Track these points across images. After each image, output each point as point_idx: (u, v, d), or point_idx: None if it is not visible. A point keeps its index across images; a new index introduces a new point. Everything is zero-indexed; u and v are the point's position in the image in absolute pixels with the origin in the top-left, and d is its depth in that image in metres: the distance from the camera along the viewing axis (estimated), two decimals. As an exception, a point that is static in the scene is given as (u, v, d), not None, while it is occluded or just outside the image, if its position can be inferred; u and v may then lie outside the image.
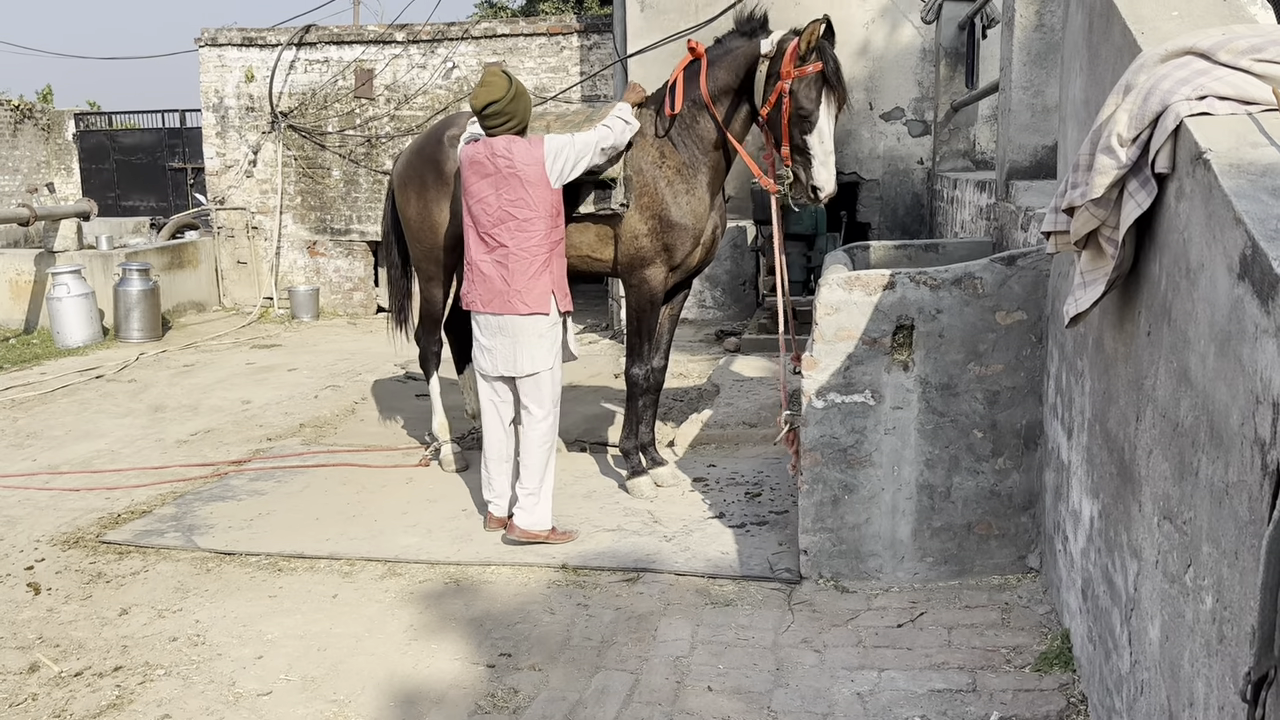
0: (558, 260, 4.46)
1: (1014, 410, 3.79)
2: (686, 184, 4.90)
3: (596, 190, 4.94)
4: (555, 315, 4.43)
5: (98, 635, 3.82)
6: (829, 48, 4.60)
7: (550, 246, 4.39)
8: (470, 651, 3.61)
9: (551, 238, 4.40)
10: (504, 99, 4.27)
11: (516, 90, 4.32)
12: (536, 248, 4.34)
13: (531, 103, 4.33)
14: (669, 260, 4.98)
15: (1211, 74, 2.14)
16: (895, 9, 8.87)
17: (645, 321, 5.10)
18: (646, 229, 4.93)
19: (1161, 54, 2.25)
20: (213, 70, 11.68)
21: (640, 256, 4.97)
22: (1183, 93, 2.12)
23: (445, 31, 11.01)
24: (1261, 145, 1.98)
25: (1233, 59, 2.13)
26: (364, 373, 8.35)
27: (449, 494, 5.26)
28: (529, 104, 4.39)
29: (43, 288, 10.09)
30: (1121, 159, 2.20)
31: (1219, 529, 1.88)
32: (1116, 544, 2.66)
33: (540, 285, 4.36)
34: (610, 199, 4.91)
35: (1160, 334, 2.27)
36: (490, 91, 4.28)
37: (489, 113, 4.29)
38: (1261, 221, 1.76)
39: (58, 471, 5.89)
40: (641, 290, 5.04)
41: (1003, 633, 3.52)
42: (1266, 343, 1.67)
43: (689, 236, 4.94)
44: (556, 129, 5.16)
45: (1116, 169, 2.21)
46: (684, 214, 4.90)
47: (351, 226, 11.53)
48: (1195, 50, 2.20)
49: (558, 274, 4.45)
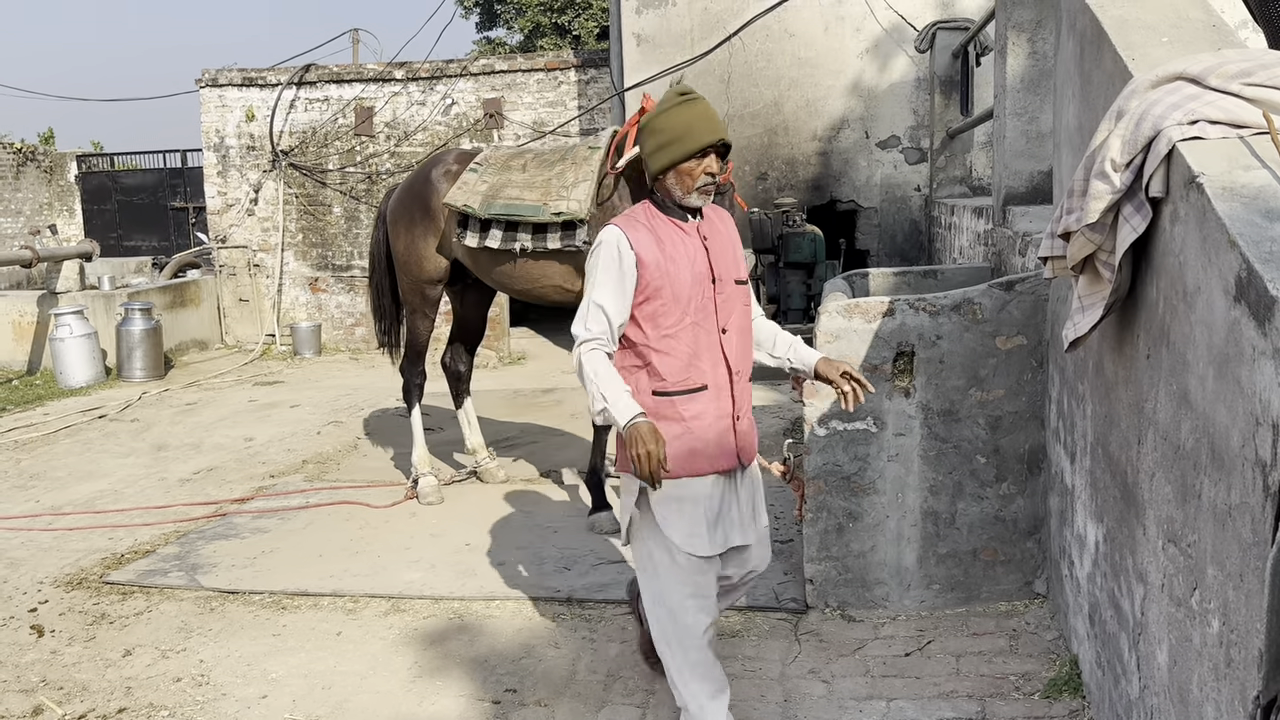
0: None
1: (1016, 435, 3.78)
2: None
3: (563, 229, 5.09)
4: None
5: (101, 677, 3.80)
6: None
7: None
8: (475, 688, 3.59)
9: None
10: (641, 122, 2.96)
11: (651, 120, 2.87)
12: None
13: (660, 143, 2.82)
14: None
15: (1202, 99, 2.16)
16: (889, 39, 8.95)
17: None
18: None
19: (1153, 79, 2.27)
20: (213, 110, 11.77)
21: None
22: (1174, 117, 2.14)
23: (444, 69, 11.10)
24: (1254, 168, 2.00)
25: (1223, 83, 2.15)
26: (366, 408, 8.35)
27: (452, 529, 5.24)
28: (657, 147, 2.83)
29: (45, 329, 10.11)
30: (1115, 184, 2.22)
31: (1223, 551, 1.88)
32: (1122, 568, 2.65)
33: None
34: (575, 237, 5.08)
35: (1159, 357, 2.27)
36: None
37: None
38: (1256, 244, 1.77)
39: (61, 512, 5.88)
40: None
41: (1011, 660, 3.50)
42: (1264, 364, 1.67)
43: None
44: (533, 168, 5.29)
45: (1111, 194, 2.23)
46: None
47: (353, 262, 11.58)
48: (1186, 75, 2.22)
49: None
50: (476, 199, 5.26)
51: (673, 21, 9.28)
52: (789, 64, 9.08)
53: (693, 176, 2.81)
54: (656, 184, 2.88)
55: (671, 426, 2.80)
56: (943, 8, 8.85)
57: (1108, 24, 2.81)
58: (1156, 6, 2.88)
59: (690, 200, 2.85)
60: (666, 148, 2.80)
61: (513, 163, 5.42)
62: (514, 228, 5.19)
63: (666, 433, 2.77)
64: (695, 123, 2.79)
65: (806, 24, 9.08)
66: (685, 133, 2.78)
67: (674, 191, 2.85)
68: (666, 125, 2.81)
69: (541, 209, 5.08)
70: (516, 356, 10.82)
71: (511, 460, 6.44)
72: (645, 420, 2.65)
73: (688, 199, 2.85)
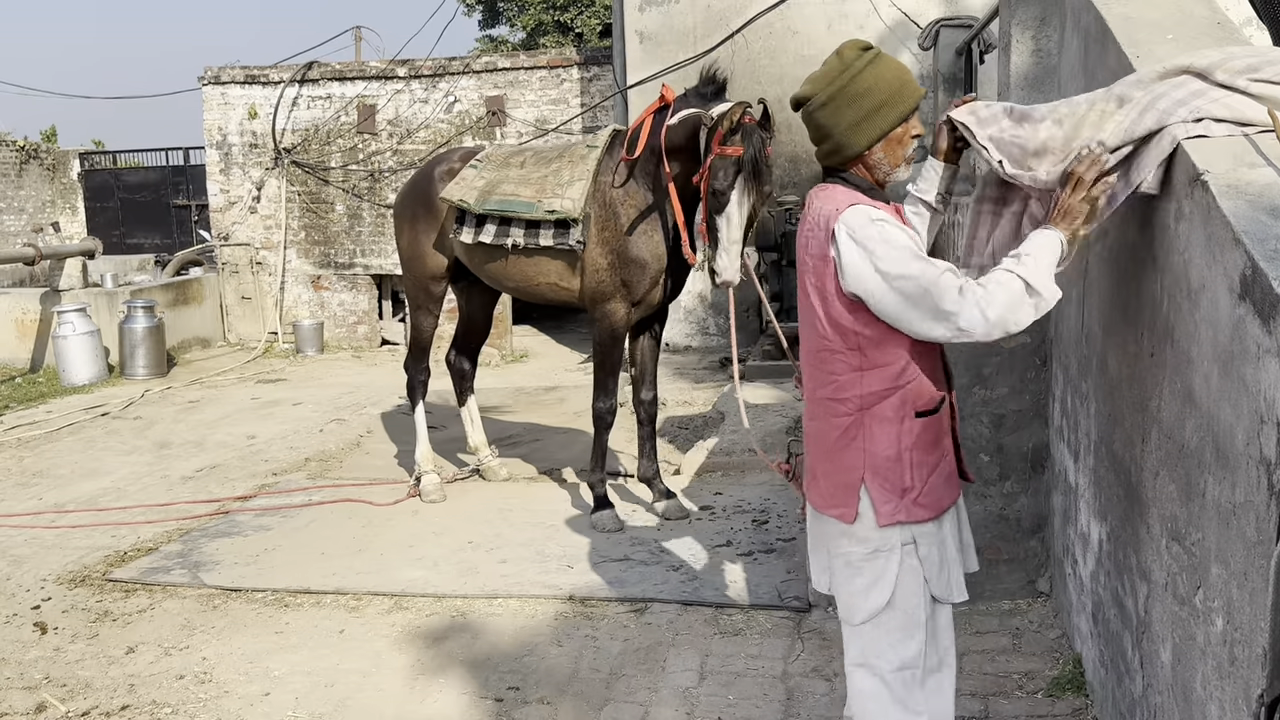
0: (873, 430, 2.30)
1: (1020, 433, 3.78)
2: (647, 224, 4.95)
3: (556, 227, 5.04)
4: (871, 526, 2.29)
5: (104, 674, 3.81)
6: (758, 134, 4.38)
7: (854, 404, 2.29)
8: (478, 686, 3.59)
9: (857, 387, 2.28)
10: (817, 96, 2.28)
11: (845, 86, 2.24)
12: (832, 400, 2.34)
13: (868, 108, 2.24)
14: (629, 296, 5.05)
15: (1208, 95, 2.15)
16: (893, 36, 8.94)
17: (608, 356, 5.20)
18: (606, 264, 5.03)
19: (1159, 71, 2.25)
20: (216, 108, 11.77)
21: (601, 291, 5.07)
22: (1180, 114, 2.13)
23: (446, 66, 11.10)
24: (1259, 165, 1.99)
25: (1230, 78, 2.14)
26: (369, 406, 8.35)
27: (455, 527, 5.24)
28: (862, 115, 2.25)
29: (48, 326, 10.12)
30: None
31: (1227, 550, 1.87)
32: (1126, 566, 2.65)
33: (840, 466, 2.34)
34: (568, 236, 5.03)
35: (1163, 355, 2.26)
36: (811, 81, 2.32)
37: (804, 118, 2.35)
38: (1261, 241, 1.77)
39: (64, 510, 5.89)
40: (604, 324, 5.13)
41: (1014, 658, 3.50)
42: (1269, 362, 1.67)
43: (647, 275, 4.99)
44: (530, 165, 5.25)
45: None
46: (642, 252, 4.96)
47: (355, 260, 11.58)
48: (1193, 69, 2.21)
49: (877, 453, 2.29)
50: (473, 194, 5.26)
51: (675, 19, 9.27)
52: (792, 62, 9.06)
53: (904, 144, 2.30)
54: (851, 164, 2.30)
55: (934, 452, 2.29)
56: (947, 4, 8.84)
57: (1112, 21, 2.81)
58: (1161, 4, 2.87)
59: (898, 175, 2.33)
60: (879, 111, 2.23)
61: (512, 159, 5.42)
62: (507, 223, 5.18)
63: (931, 460, 2.28)
64: (904, 76, 2.27)
65: (809, 21, 9.07)
66: (900, 88, 2.24)
67: (880, 168, 2.30)
68: (873, 85, 2.23)
69: (535, 206, 5.06)
70: (519, 354, 10.82)
71: (514, 458, 6.44)
72: (1067, 226, 2.13)
73: (896, 173, 2.32)
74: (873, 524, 2.25)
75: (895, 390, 2.24)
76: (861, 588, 2.28)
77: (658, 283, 5.05)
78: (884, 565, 2.26)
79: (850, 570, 2.30)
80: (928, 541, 2.28)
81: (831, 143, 2.28)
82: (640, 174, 4.97)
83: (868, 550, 2.27)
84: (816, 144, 2.33)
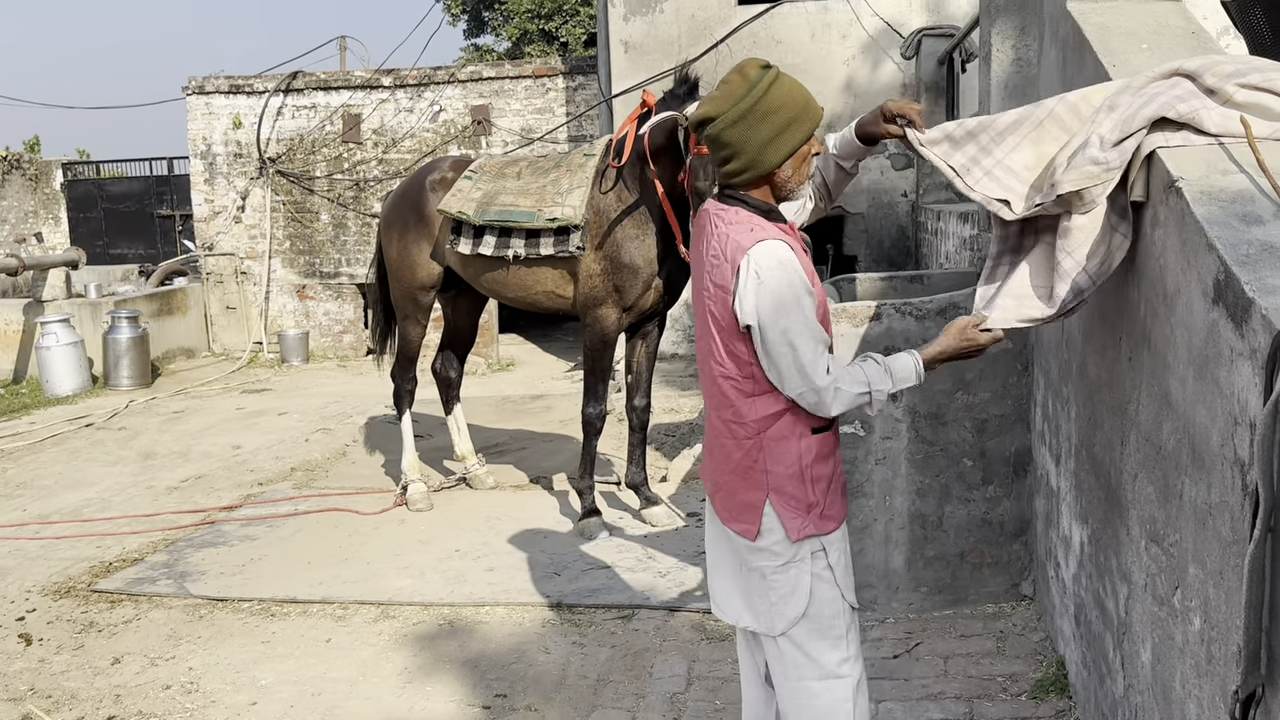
0: (773, 450, 2.33)
1: (1003, 438, 3.81)
2: (638, 229, 4.98)
3: (556, 235, 5.06)
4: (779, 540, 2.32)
5: (90, 685, 3.79)
6: None
7: (754, 427, 2.32)
8: (465, 693, 3.59)
9: (753, 411, 2.32)
10: (725, 114, 2.24)
11: (756, 104, 2.21)
12: (732, 423, 2.36)
13: (780, 125, 2.22)
14: (621, 301, 5.08)
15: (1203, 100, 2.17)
16: (876, 45, 9.01)
17: (598, 361, 5.22)
18: (599, 269, 5.06)
19: (1150, 76, 2.28)
20: (200, 118, 11.75)
21: (594, 296, 5.10)
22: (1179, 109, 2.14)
23: (431, 75, 11.12)
24: (1231, 172, 2.03)
25: (1218, 82, 2.17)
26: (355, 415, 8.34)
27: (442, 535, 5.25)
28: (775, 132, 2.23)
29: (31, 337, 10.07)
30: (1099, 159, 2.16)
31: (1204, 550, 1.90)
32: (1106, 568, 2.68)
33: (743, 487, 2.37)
34: (569, 242, 5.06)
35: (1141, 359, 2.30)
36: (712, 101, 2.29)
37: (709, 138, 2.30)
38: (1233, 246, 1.80)
39: (48, 521, 5.86)
40: (595, 329, 5.15)
41: (998, 661, 3.53)
42: (1242, 365, 1.70)
43: (639, 279, 5.02)
44: (527, 176, 5.28)
45: (1093, 166, 2.17)
46: (634, 257, 4.99)
47: (341, 269, 11.57)
48: (1183, 71, 2.24)
49: (779, 472, 2.32)
50: (471, 206, 5.27)
51: (660, 29, 9.31)
52: (776, 71, 9.11)
53: (808, 162, 2.30)
54: (756, 185, 2.29)
55: (828, 465, 2.34)
56: (929, 13, 8.91)
57: (1089, 31, 2.85)
58: (1137, 14, 2.92)
59: (798, 193, 2.34)
60: (790, 128, 2.22)
61: (507, 170, 5.44)
62: (507, 234, 5.20)
63: (827, 473, 2.33)
64: (807, 94, 2.25)
65: (793, 31, 9.13)
66: (806, 105, 2.23)
67: (787, 186, 2.29)
68: (784, 102, 2.20)
69: (536, 215, 5.09)
70: (505, 363, 10.83)
71: (501, 466, 6.44)
72: (928, 350, 2.30)
73: (798, 192, 2.33)
74: (783, 540, 2.29)
75: (787, 410, 2.29)
76: (778, 599, 2.32)
77: (650, 287, 5.07)
78: (797, 575, 2.31)
79: (765, 583, 2.33)
80: (836, 548, 2.35)
81: (743, 160, 2.25)
82: (628, 179, 5.00)
83: (780, 563, 2.31)
84: (723, 164, 2.29)
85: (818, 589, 2.31)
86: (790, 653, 2.35)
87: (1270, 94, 2.13)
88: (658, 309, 5.29)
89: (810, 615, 2.31)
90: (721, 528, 2.44)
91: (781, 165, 2.26)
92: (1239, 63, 2.20)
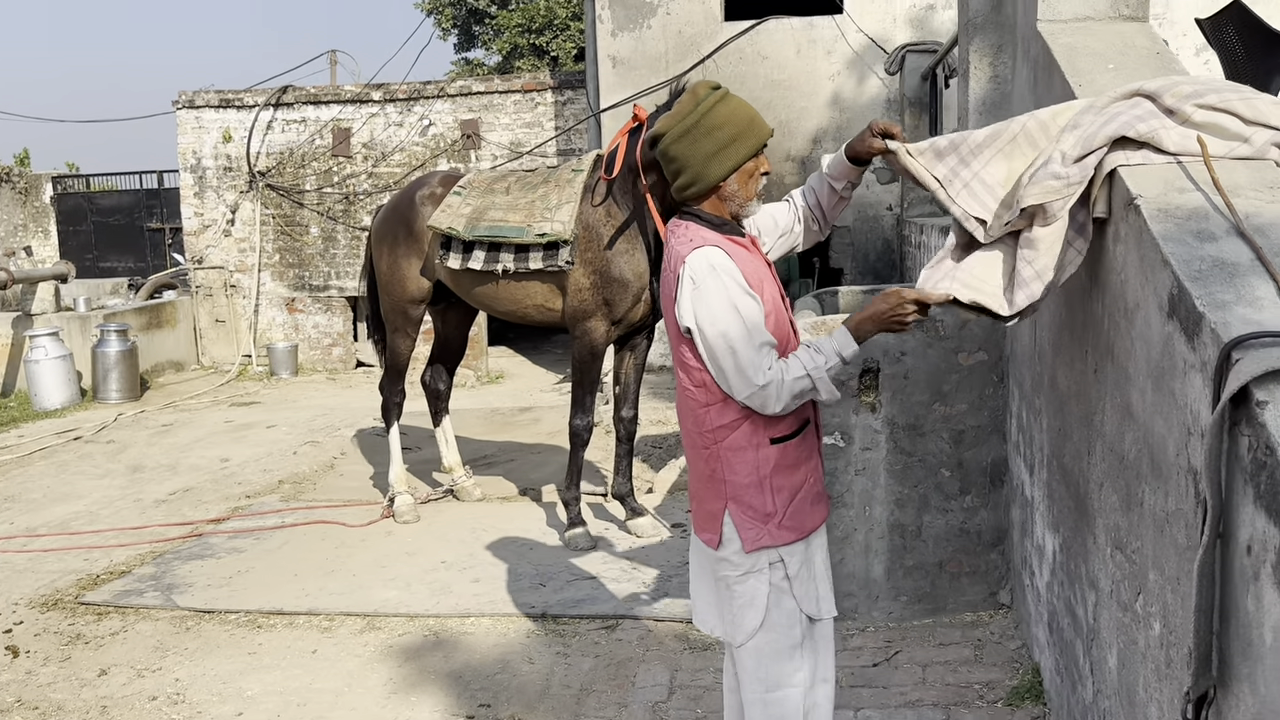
0: (730, 460, 2.39)
1: (979, 449, 3.87)
2: (627, 243, 5.04)
3: (545, 249, 5.12)
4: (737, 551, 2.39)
5: (76, 696, 3.82)
6: None
7: (711, 437, 2.39)
8: (450, 703, 3.63)
9: (709, 421, 2.38)
10: (672, 130, 2.37)
11: (699, 120, 2.34)
12: (694, 433, 2.45)
13: (722, 140, 2.33)
14: (610, 314, 5.14)
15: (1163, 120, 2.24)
16: (861, 61, 9.11)
17: (586, 373, 5.28)
18: (589, 283, 5.11)
19: (1112, 96, 2.35)
20: (190, 131, 11.79)
21: (583, 309, 5.15)
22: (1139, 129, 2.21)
23: (421, 90, 11.18)
24: (1188, 190, 2.09)
25: (1176, 103, 2.24)
26: (343, 428, 8.37)
27: (428, 547, 5.28)
28: (718, 147, 2.34)
29: (20, 351, 10.07)
30: (1061, 174, 2.23)
31: (1162, 557, 1.96)
32: (1077, 576, 2.73)
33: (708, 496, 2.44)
34: (558, 257, 5.12)
35: (1105, 371, 2.36)
36: (664, 118, 2.42)
37: (660, 153, 2.42)
38: (1186, 263, 1.86)
39: (36, 534, 5.87)
40: (583, 341, 5.21)
41: (976, 669, 3.57)
42: (1194, 377, 1.76)
43: (629, 293, 5.08)
44: (516, 191, 5.34)
45: (1054, 181, 2.23)
46: (623, 270, 5.05)
47: (330, 283, 11.60)
48: (1143, 91, 2.31)
49: (736, 482, 2.38)
50: (461, 221, 5.33)
51: (647, 44, 9.41)
52: (762, 86, 9.21)
53: (755, 179, 2.38)
54: (703, 199, 2.38)
55: (794, 475, 2.37)
56: (914, 29, 9.02)
57: (1057, 51, 2.92)
58: (1105, 35, 3.00)
59: (750, 208, 2.40)
60: (730, 146, 2.31)
61: (496, 185, 5.50)
62: (497, 249, 5.26)
63: (793, 483, 2.36)
64: (753, 113, 2.36)
65: (779, 47, 9.23)
66: (750, 124, 2.33)
67: (734, 200, 2.37)
68: (727, 119, 2.31)
69: (525, 230, 5.15)
70: (495, 375, 10.86)
71: (488, 478, 6.48)
72: (856, 317, 2.36)
73: (747, 207, 2.40)
74: (739, 549, 2.35)
75: (744, 419, 2.33)
76: (738, 609, 2.38)
77: (640, 300, 5.13)
78: (755, 586, 2.36)
79: (729, 593, 2.40)
80: (796, 560, 2.37)
81: (688, 175, 2.35)
82: (619, 193, 5.06)
83: (740, 573, 2.37)
84: (673, 179, 2.39)
85: (775, 599, 2.36)
86: (746, 662, 2.41)
87: (1226, 114, 2.20)
88: (647, 321, 5.35)
89: (767, 626, 2.37)
90: (695, 537, 2.50)
91: (726, 179, 2.35)
92: (1197, 84, 2.27)
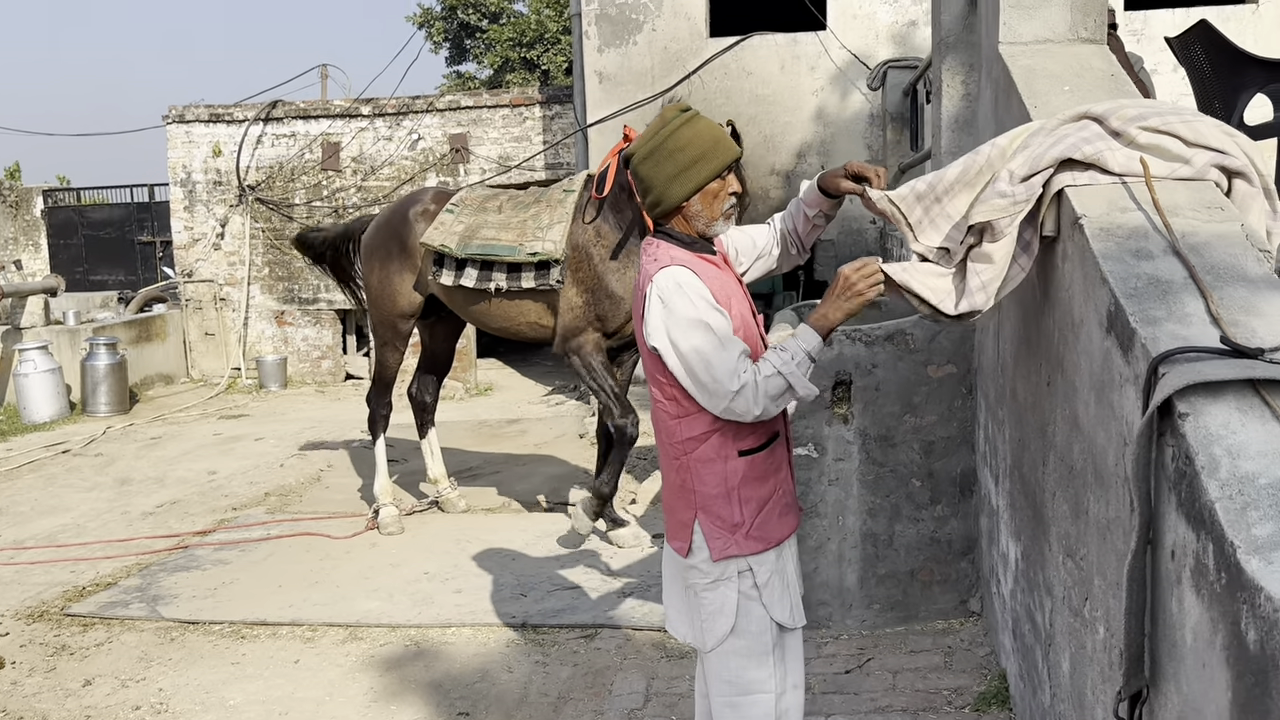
0: (700, 471, 2.44)
1: (949, 459, 3.95)
2: (619, 262, 5.13)
3: (537, 269, 5.20)
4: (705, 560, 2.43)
5: (61, 706, 3.86)
6: None
7: (681, 449, 2.44)
8: (429, 712, 3.68)
9: (679, 433, 2.44)
10: (639, 151, 2.46)
11: (663, 142, 2.41)
12: (666, 444, 2.50)
13: (685, 161, 2.39)
14: (602, 328, 5.25)
15: (1109, 142, 2.33)
16: (844, 77, 9.22)
17: (598, 380, 5.34)
18: (581, 300, 5.21)
19: (1061, 119, 2.44)
20: (180, 146, 11.86)
21: (575, 326, 5.26)
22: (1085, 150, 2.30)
23: (410, 104, 11.27)
24: (1130, 210, 2.18)
25: (1122, 125, 2.33)
26: (331, 440, 8.42)
27: (412, 558, 5.33)
28: (680, 169, 2.39)
29: (9, 364, 10.11)
30: (1008, 192, 2.31)
31: (1105, 562, 2.04)
32: (1036, 583, 2.81)
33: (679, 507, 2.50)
34: (549, 275, 5.21)
35: (1056, 384, 2.44)
36: (636, 140, 2.53)
37: (630, 173, 2.55)
38: (1124, 280, 1.95)
39: (23, 546, 5.91)
40: (580, 355, 5.30)
41: (945, 675, 3.64)
42: (1129, 389, 1.84)
43: (621, 309, 5.17)
44: (509, 210, 5.42)
45: (1000, 199, 2.31)
46: (615, 286, 5.14)
47: (319, 295, 11.66)
48: (1091, 114, 2.40)
49: (705, 493, 2.43)
50: (453, 239, 5.41)
51: (634, 60, 9.50)
52: (747, 101, 9.31)
53: (720, 199, 2.42)
54: (670, 217, 2.43)
55: (762, 487, 2.42)
56: (896, 45, 9.13)
57: (1016, 73, 3.01)
58: (1063, 57, 3.09)
59: (716, 228, 2.44)
60: (692, 168, 2.37)
61: (489, 204, 5.58)
62: (489, 267, 5.34)
63: (761, 494, 2.41)
64: (719, 134, 2.41)
65: (763, 63, 9.33)
66: (711, 147, 2.39)
67: (698, 220, 2.42)
68: (687, 143, 2.37)
69: (517, 249, 5.24)
70: (484, 387, 10.92)
71: (474, 490, 6.54)
72: (815, 312, 2.37)
73: (714, 227, 2.43)
74: (708, 558, 2.40)
75: (712, 432, 2.38)
76: (708, 616, 2.43)
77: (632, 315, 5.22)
78: (724, 594, 2.41)
79: (698, 600, 2.45)
80: (765, 570, 2.42)
81: (654, 195, 2.42)
82: (610, 211, 5.15)
83: (708, 580, 2.42)
84: (642, 198, 2.46)
85: (744, 606, 2.42)
86: (716, 668, 2.46)
87: (1169, 136, 2.28)
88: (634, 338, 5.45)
89: (737, 632, 2.41)
90: (667, 545, 2.57)
91: (689, 199, 2.39)
92: (1142, 106, 2.36)
